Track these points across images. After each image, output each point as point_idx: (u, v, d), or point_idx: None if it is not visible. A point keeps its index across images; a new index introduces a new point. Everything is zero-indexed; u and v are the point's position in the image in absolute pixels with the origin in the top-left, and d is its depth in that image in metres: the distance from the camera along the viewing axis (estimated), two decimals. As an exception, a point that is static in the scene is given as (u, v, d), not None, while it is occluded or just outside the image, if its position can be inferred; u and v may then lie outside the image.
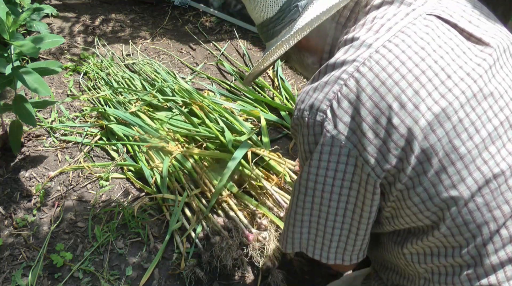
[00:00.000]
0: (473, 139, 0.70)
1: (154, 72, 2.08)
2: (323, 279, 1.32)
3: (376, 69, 0.69)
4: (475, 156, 0.70)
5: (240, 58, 2.27)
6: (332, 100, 0.71)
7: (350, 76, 0.70)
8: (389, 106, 0.68)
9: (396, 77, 0.69)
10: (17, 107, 1.45)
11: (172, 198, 1.49)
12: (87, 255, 1.37)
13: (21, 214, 1.49)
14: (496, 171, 0.71)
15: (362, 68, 0.70)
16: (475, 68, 0.72)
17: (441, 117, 0.69)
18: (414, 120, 0.68)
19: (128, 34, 2.43)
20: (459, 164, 0.70)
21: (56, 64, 1.54)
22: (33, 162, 1.66)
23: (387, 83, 0.69)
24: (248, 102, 1.92)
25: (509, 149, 0.72)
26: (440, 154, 0.69)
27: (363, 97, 0.69)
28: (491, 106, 0.72)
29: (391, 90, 0.68)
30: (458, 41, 0.74)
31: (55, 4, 2.62)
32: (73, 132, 1.77)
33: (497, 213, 0.71)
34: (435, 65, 0.70)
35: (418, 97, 0.68)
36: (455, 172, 0.70)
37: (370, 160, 0.70)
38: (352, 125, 0.70)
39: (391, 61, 0.69)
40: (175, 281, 1.33)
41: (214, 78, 2.09)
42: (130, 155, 1.69)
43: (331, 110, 0.71)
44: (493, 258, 0.71)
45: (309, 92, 0.75)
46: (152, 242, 1.42)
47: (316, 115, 0.72)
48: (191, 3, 2.64)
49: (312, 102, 0.73)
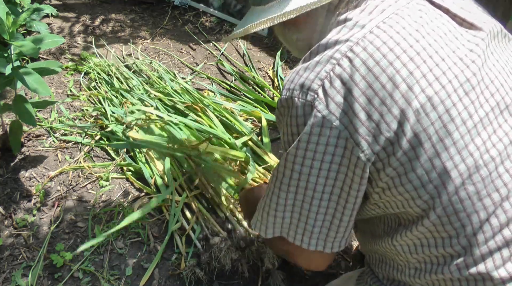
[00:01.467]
0: (466, 124, 0.69)
1: (154, 71, 2.08)
2: (323, 279, 1.32)
3: (370, 49, 0.68)
4: (467, 141, 0.69)
5: (240, 58, 2.27)
6: (324, 80, 0.69)
7: (344, 56, 0.68)
8: (383, 86, 0.67)
9: (390, 57, 0.67)
10: (17, 107, 1.45)
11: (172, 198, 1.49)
12: (87, 255, 1.37)
13: (21, 214, 1.49)
14: (486, 157, 0.70)
15: (356, 47, 0.68)
16: (467, 54, 0.71)
17: (434, 100, 0.68)
18: (407, 102, 0.67)
19: (128, 34, 2.43)
20: (452, 150, 0.68)
21: (56, 64, 1.54)
22: (33, 162, 1.66)
23: (381, 63, 0.67)
24: (248, 102, 1.92)
25: (499, 135, 0.71)
26: (433, 139, 0.68)
27: (357, 77, 0.67)
28: (482, 91, 0.71)
29: (385, 70, 0.67)
30: (450, 27, 0.74)
31: (55, 4, 2.62)
32: (73, 132, 1.78)
33: (487, 201, 0.70)
34: (429, 48, 0.69)
35: (412, 78, 0.67)
36: (448, 158, 0.68)
37: (361, 142, 0.68)
38: (344, 106, 0.67)
39: (385, 42, 0.68)
40: (175, 281, 1.33)
41: (214, 78, 2.09)
42: (130, 155, 1.69)
43: (322, 90, 0.68)
44: (482, 248, 0.71)
45: (299, 71, 0.72)
46: (152, 242, 1.42)
47: (307, 95, 0.69)
48: (191, 3, 2.64)
49: (302, 81, 0.70)
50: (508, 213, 0.71)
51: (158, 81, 2.00)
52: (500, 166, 0.71)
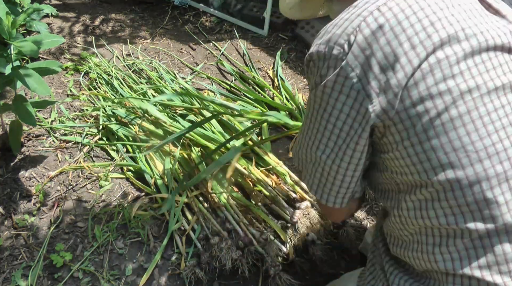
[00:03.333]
0: (480, 90, 0.71)
1: (154, 71, 2.08)
2: (323, 279, 1.32)
3: (395, 9, 0.72)
4: (471, 107, 0.71)
5: (240, 58, 2.27)
6: (350, 35, 0.73)
7: (370, 14, 0.73)
8: (400, 45, 0.71)
9: (412, 19, 0.72)
10: (17, 107, 1.45)
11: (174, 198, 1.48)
12: (87, 255, 1.37)
13: (21, 214, 1.49)
14: (490, 128, 0.72)
15: (383, 7, 0.73)
16: (488, 29, 0.74)
17: (443, 63, 0.71)
18: (420, 61, 0.70)
19: (128, 34, 2.43)
20: (454, 112, 0.71)
21: (56, 64, 1.54)
22: (33, 162, 1.66)
23: (403, 23, 0.71)
24: (248, 102, 1.91)
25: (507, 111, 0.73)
26: (436, 101, 0.70)
27: (378, 33, 0.71)
28: (500, 65, 0.73)
29: (405, 30, 0.71)
30: (477, 7, 0.77)
31: (55, 4, 2.62)
32: (73, 132, 1.77)
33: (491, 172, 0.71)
34: (451, 17, 0.73)
35: (429, 41, 0.71)
36: (448, 119, 0.71)
37: (372, 94, 0.72)
38: (361, 59, 0.72)
39: (410, 5, 0.73)
40: (175, 281, 1.33)
41: (214, 78, 2.09)
42: (130, 155, 1.69)
43: (348, 45, 0.73)
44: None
45: (328, 29, 0.77)
46: (152, 242, 1.42)
47: (333, 49, 0.74)
48: (191, 3, 2.64)
49: (330, 37, 0.75)
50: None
51: (158, 81, 2.00)
52: (505, 139, 0.72)
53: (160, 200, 1.50)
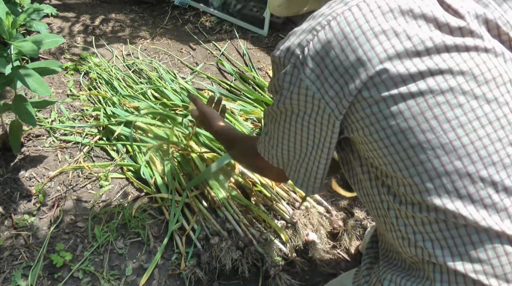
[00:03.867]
0: (437, 96, 0.74)
1: (154, 71, 2.08)
2: (323, 279, 1.32)
3: (342, 24, 0.78)
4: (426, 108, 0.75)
5: (240, 58, 2.27)
6: (305, 48, 0.80)
7: (322, 28, 0.79)
8: (347, 57, 0.77)
9: (357, 33, 0.77)
10: (17, 107, 1.45)
11: (172, 198, 1.49)
12: (87, 255, 1.37)
13: (21, 214, 1.49)
14: (454, 123, 0.74)
15: (333, 22, 0.79)
16: (439, 35, 0.76)
17: (392, 72, 0.75)
18: (366, 72, 0.76)
19: (128, 34, 2.43)
20: (407, 113, 0.75)
21: (56, 64, 1.54)
22: (33, 161, 1.66)
23: (348, 37, 0.77)
24: (248, 102, 1.92)
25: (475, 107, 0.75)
26: (389, 102, 0.75)
27: (328, 47, 0.78)
28: (462, 69, 0.75)
29: (350, 44, 0.77)
30: (433, 8, 0.78)
31: (55, 4, 2.62)
32: (73, 132, 1.77)
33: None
34: (397, 27, 0.76)
35: (373, 52, 0.76)
36: (402, 120, 0.75)
37: (330, 102, 0.79)
38: (317, 71, 0.79)
39: (357, 19, 0.77)
40: (175, 281, 1.33)
41: (214, 78, 2.09)
42: (130, 155, 1.69)
43: (302, 56, 0.80)
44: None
45: (290, 36, 0.84)
46: (152, 242, 1.42)
47: (291, 58, 0.81)
48: (191, 3, 2.64)
49: (289, 45, 0.82)
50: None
51: (158, 81, 2.00)
52: (475, 138, 0.74)
53: (160, 200, 1.50)
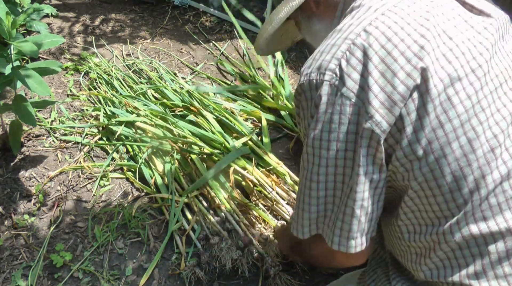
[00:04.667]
0: (471, 99, 0.71)
1: (154, 71, 2.08)
2: (323, 279, 1.32)
3: (382, 28, 0.72)
4: (471, 115, 0.71)
5: (240, 58, 2.27)
6: (341, 59, 0.71)
7: (358, 36, 0.72)
8: (394, 60, 0.70)
9: (401, 35, 0.71)
10: (17, 107, 1.45)
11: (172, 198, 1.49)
12: (87, 255, 1.37)
13: (21, 214, 1.49)
14: (488, 134, 0.72)
15: (369, 27, 0.72)
16: (475, 35, 0.75)
17: (441, 74, 0.71)
18: (419, 73, 0.70)
19: (128, 34, 2.43)
20: (456, 122, 0.71)
21: (56, 64, 1.54)
22: (33, 161, 1.66)
23: (393, 39, 0.71)
24: (248, 102, 1.92)
25: (503, 114, 0.74)
26: (437, 110, 0.70)
27: (370, 52, 0.70)
28: (489, 71, 0.74)
29: (396, 46, 0.71)
30: (460, 11, 0.78)
31: (55, 4, 2.62)
32: (73, 132, 1.77)
33: (489, 179, 0.72)
34: (438, 27, 0.73)
35: (423, 52, 0.70)
36: (451, 130, 0.71)
37: (375, 114, 0.70)
38: (361, 81, 0.70)
39: (396, 21, 0.72)
40: (175, 281, 1.33)
41: (214, 78, 2.09)
42: (130, 155, 1.69)
43: (339, 69, 0.71)
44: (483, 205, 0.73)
45: (315, 56, 0.75)
46: (152, 242, 1.42)
47: (325, 75, 0.72)
48: (191, 3, 2.64)
49: (319, 64, 0.73)
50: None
51: (158, 81, 2.00)
52: (502, 144, 0.73)
53: (160, 200, 1.50)
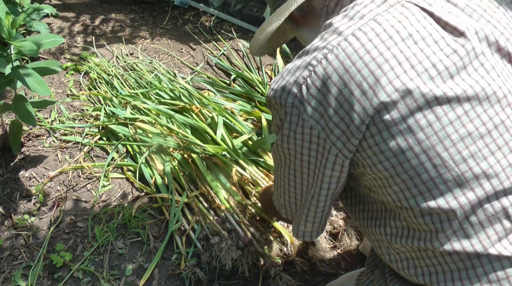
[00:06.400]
0: (432, 126, 0.71)
1: (154, 71, 2.08)
2: (323, 279, 1.32)
3: (341, 57, 0.72)
4: (434, 142, 0.71)
5: (240, 58, 2.27)
6: (302, 85, 0.75)
7: (319, 63, 0.74)
8: (351, 93, 0.72)
9: (359, 65, 0.71)
10: (17, 107, 1.45)
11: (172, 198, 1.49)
12: (87, 255, 1.37)
13: (21, 214, 1.49)
14: (457, 158, 0.72)
15: (330, 55, 0.73)
16: (442, 59, 0.72)
17: (399, 105, 0.70)
18: (373, 107, 0.71)
19: (128, 34, 2.43)
20: (417, 148, 0.72)
21: (56, 64, 1.54)
22: (33, 161, 1.66)
23: (350, 71, 0.72)
24: (248, 102, 1.91)
25: (474, 137, 0.72)
26: (397, 137, 0.72)
27: (329, 84, 0.73)
28: (457, 96, 0.71)
29: (353, 78, 0.72)
30: (431, 30, 0.74)
31: (55, 4, 2.62)
32: (73, 132, 1.77)
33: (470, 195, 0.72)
34: (400, 55, 0.72)
35: (378, 85, 0.71)
36: (413, 156, 0.72)
37: (337, 142, 0.75)
38: (320, 109, 0.74)
39: (356, 50, 0.72)
40: (175, 281, 1.33)
41: (214, 78, 2.09)
42: (130, 155, 1.69)
43: (300, 94, 0.75)
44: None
45: (283, 73, 0.79)
46: (152, 242, 1.42)
47: (288, 97, 0.76)
48: (191, 3, 2.64)
49: (284, 84, 0.77)
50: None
51: (158, 81, 2.00)
52: (474, 167, 0.72)
53: (160, 200, 1.50)
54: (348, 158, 0.76)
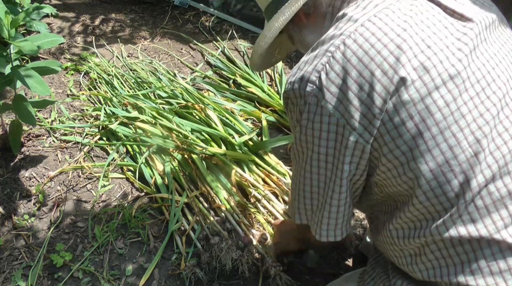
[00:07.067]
0: (449, 106, 0.72)
1: (154, 71, 2.08)
2: (323, 279, 1.32)
3: (360, 40, 0.74)
4: (450, 122, 0.72)
5: (240, 58, 2.27)
6: (321, 72, 0.75)
7: (337, 49, 0.75)
8: (372, 74, 0.73)
9: (378, 46, 0.73)
10: (17, 107, 1.45)
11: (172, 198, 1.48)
12: (87, 255, 1.37)
13: (21, 214, 1.49)
14: (470, 139, 0.73)
15: (348, 40, 0.75)
16: (454, 42, 0.75)
17: (417, 84, 0.72)
18: (394, 85, 0.72)
19: (128, 34, 2.43)
20: (435, 130, 0.72)
21: (55, 64, 1.53)
22: (33, 161, 1.66)
23: (370, 52, 0.73)
24: (248, 102, 1.91)
25: (486, 118, 0.74)
26: (415, 118, 0.72)
27: (349, 67, 0.74)
28: (468, 77, 0.74)
29: (373, 59, 0.73)
30: (440, 17, 0.78)
31: (55, 4, 2.62)
32: (73, 132, 1.77)
33: (473, 183, 0.73)
34: (416, 36, 0.74)
35: (399, 63, 0.72)
36: (430, 137, 0.72)
37: (358, 127, 0.74)
38: (339, 95, 0.74)
39: (374, 33, 0.74)
40: (175, 281, 1.32)
41: (214, 78, 2.09)
42: (130, 155, 1.69)
43: (319, 81, 0.75)
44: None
45: (300, 65, 0.80)
46: (152, 242, 1.42)
47: (306, 86, 0.77)
48: (191, 3, 2.64)
49: (302, 74, 0.78)
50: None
51: (158, 81, 2.00)
52: (486, 148, 0.73)
53: (160, 200, 1.50)
54: (369, 142, 0.75)
